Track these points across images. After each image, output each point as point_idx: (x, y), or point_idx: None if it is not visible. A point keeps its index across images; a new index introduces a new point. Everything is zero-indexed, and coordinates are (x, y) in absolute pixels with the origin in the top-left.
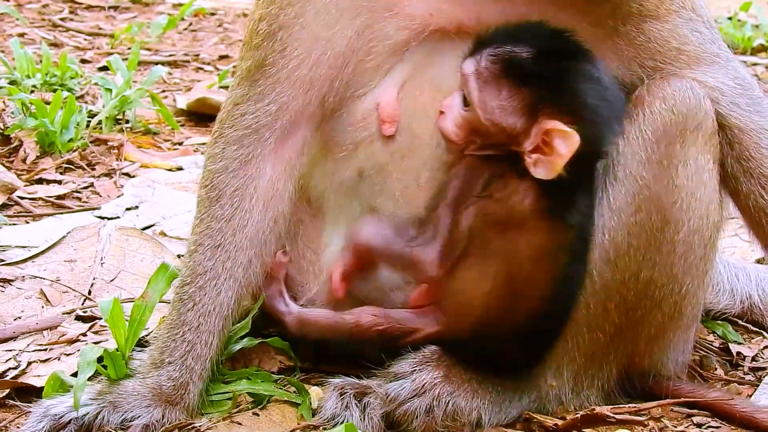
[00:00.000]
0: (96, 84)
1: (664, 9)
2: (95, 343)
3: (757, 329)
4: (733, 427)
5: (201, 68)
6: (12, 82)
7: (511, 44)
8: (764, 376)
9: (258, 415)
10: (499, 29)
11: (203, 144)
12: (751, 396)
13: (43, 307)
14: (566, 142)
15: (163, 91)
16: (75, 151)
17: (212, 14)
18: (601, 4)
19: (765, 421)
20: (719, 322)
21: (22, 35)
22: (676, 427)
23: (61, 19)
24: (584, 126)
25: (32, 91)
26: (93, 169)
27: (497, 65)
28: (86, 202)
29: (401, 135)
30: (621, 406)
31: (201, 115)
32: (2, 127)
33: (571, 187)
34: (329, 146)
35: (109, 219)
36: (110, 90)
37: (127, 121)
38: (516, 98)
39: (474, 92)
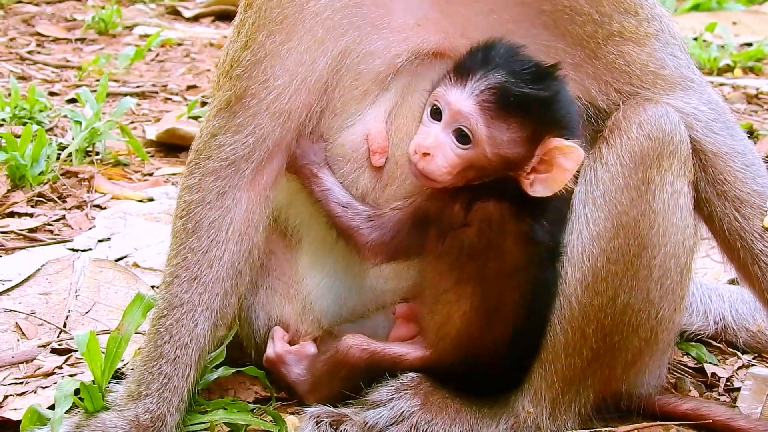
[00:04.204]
0: (65, 116)
1: (643, 31)
2: (71, 375)
3: (731, 350)
4: None
5: (169, 99)
6: None
7: (494, 72)
8: (738, 397)
9: None
10: (475, 56)
11: (173, 175)
12: None
13: (18, 340)
14: (571, 157)
15: (132, 122)
16: (46, 183)
17: (179, 44)
18: (583, 24)
19: (741, 426)
20: (693, 343)
21: None
22: None
23: (29, 53)
24: (577, 140)
25: (1, 125)
26: (64, 202)
27: (500, 98)
28: (58, 235)
29: (387, 164)
30: (597, 430)
31: (170, 146)
32: None
33: (544, 206)
34: None
35: (81, 251)
36: (80, 122)
37: (97, 153)
38: (524, 128)
39: (482, 129)
